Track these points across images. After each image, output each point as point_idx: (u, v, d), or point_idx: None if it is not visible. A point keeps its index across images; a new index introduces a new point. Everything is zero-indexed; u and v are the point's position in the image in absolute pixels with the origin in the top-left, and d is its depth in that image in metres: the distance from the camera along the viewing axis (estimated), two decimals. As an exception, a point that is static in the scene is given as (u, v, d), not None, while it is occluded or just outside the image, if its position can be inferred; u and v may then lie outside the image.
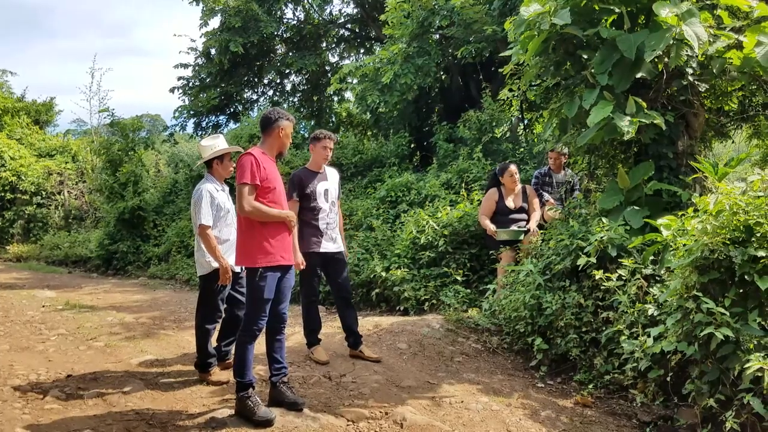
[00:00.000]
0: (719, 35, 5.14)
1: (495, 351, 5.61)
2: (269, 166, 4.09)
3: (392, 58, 10.35)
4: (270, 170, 4.08)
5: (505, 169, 6.86)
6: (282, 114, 4.18)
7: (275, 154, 4.22)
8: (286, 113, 4.22)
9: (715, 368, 3.82)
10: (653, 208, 5.20)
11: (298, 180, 5.19)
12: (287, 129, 4.18)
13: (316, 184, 5.17)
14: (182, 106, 16.46)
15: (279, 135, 4.16)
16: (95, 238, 14.86)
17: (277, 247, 4.05)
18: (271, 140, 4.17)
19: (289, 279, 4.26)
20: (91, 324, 6.82)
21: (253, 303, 4.04)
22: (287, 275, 4.22)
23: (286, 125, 4.17)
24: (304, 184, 5.14)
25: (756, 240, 3.77)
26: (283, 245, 4.12)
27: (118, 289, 10.30)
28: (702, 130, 5.63)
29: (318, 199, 5.16)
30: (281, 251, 4.08)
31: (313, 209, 5.16)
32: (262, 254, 4.00)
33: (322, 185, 5.22)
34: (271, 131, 4.15)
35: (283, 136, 4.18)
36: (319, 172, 5.26)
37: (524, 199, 6.90)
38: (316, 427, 3.85)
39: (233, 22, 14.43)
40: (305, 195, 5.13)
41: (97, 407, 4.18)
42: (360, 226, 8.93)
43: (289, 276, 4.25)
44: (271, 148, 4.18)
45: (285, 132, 4.17)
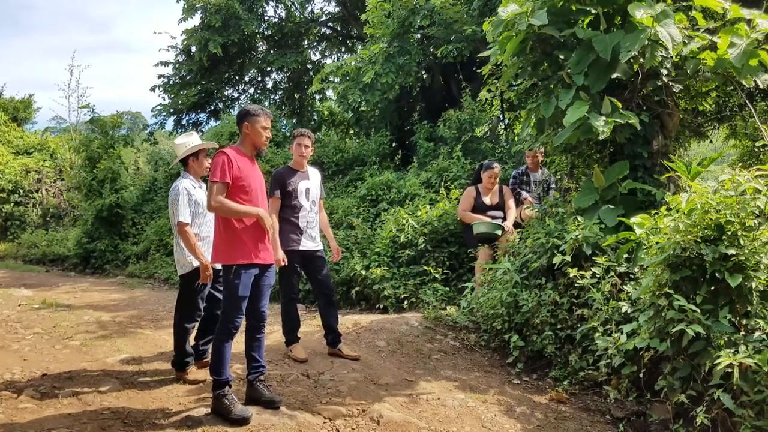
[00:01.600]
0: (693, 36, 5.23)
1: (472, 348, 5.65)
2: (244, 164, 4.02)
3: (373, 58, 10.37)
4: (245, 168, 4.01)
5: (489, 167, 7.04)
6: (254, 109, 4.09)
7: (252, 151, 4.14)
8: (260, 108, 4.12)
9: (687, 364, 3.89)
10: (628, 207, 5.27)
11: (279, 178, 5.22)
12: (258, 123, 4.04)
13: (297, 182, 5.20)
14: (162, 104, 16.33)
15: (249, 130, 4.06)
16: (73, 237, 14.71)
17: (252, 244, 4.01)
18: (243, 137, 4.10)
19: (268, 277, 4.21)
20: (68, 323, 6.76)
21: (228, 301, 4.01)
22: (266, 273, 4.18)
23: (257, 119, 4.05)
24: (285, 182, 5.16)
25: (727, 238, 3.84)
26: (260, 243, 4.07)
27: (95, 288, 10.21)
28: (676, 130, 5.72)
29: (299, 197, 5.19)
30: (257, 249, 4.04)
31: (294, 207, 5.18)
32: (237, 252, 3.97)
33: (304, 184, 5.24)
34: (243, 127, 4.08)
35: (254, 133, 4.05)
36: (301, 171, 5.28)
37: (501, 197, 7.07)
38: (292, 425, 3.86)
39: (214, 21, 14.34)
40: (286, 193, 5.15)
41: (72, 406, 4.14)
42: (340, 224, 8.94)
43: (268, 274, 4.21)
44: (246, 145, 4.11)
45: (255, 128, 4.04)
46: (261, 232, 4.08)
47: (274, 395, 4.17)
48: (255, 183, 4.08)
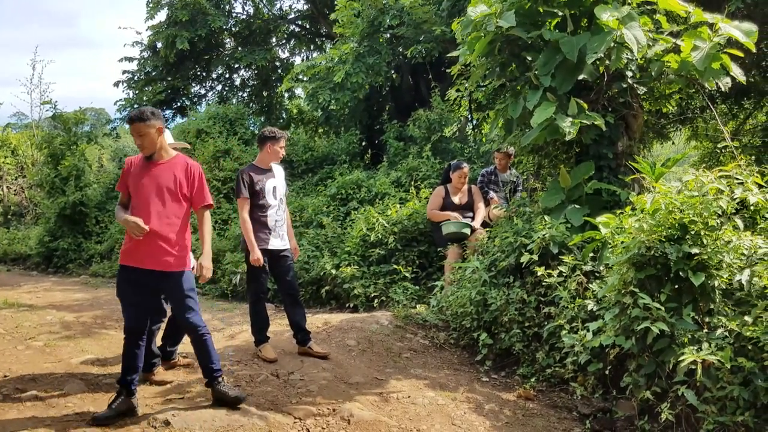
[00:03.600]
0: (658, 39, 5.35)
1: (442, 346, 5.68)
2: (137, 170, 4.03)
3: (343, 57, 10.35)
4: (134, 175, 4.02)
5: (458, 167, 7.08)
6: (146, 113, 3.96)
7: (144, 155, 4.05)
8: (149, 110, 4.00)
9: (652, 362, 3.97)
10: (593, 207, 5.36)
11: (247, 178, 5.15)
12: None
13: (264, 181, 5.17)
14: (126, 99, 16.04)
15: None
16: (35, 235, 14.34)
17: (132, 249, 4.00)
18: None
19: (174, 288, 4.07)
20: (30, 323, 6.59)
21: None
22: (166, 283, 4.07)
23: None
24: (253, 182, 5.11)
25: (690, 237, 3.93)
26: (141, 248, 3.97)
27: (58, 288, 9.99)
28: (641, 132, 5.84)
29: (267, 196, 5.16)
30: (138, 254, 3.99)
31: (262, 206, 5.14)
32: (122, 253, 4.08)
33: (271, 182, 5.21)
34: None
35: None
36: (267, 170, 5.25)
37: (470, 197, 7.11)
38: (262, 426, 3.83)
39: (180, 16, 14.14)
40: (254, 192, 5.11)
41: (35, 408, 4.05)
42: (310, 223, 8.91)
43: (172, 285, 4.06)
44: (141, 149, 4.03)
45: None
46: (144, 238, 3.92)
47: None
48: (141, 189, 4.01)
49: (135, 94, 16.26)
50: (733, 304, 3.93)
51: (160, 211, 3.98)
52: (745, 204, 4.37)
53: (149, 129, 3.95)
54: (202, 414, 3.94)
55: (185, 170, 4.09)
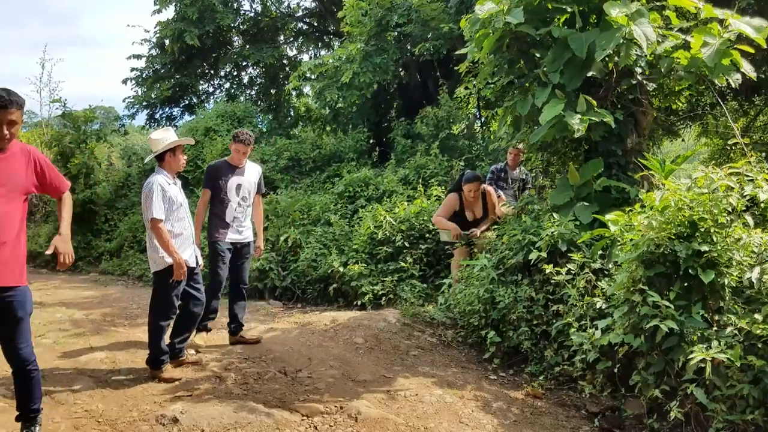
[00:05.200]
0: (667, 35, 5.30)
1: (450, 344, 5.67)
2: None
3: (351, 57, 10.35)
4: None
5: (470, 180, 6.46)
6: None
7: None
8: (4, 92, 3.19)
9: (661, 360, 3.95)
10: (602, 204, 5.33)
11: (213, 172, 5.47)
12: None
13: (229, 178, 5.37)
14: (134, 96, 16.10)
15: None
16: (45, 233, 14.40)
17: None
18: None
19: (11, 309, 3.27)
20: (40, 321, 6.62)
21: None
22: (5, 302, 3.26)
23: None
24: (217, 177, 5.34)
25: (700, 235, 3.90)
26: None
27: (67, 285, 10.03)
28: (650, 129, 5.80)
29: (228, 193, 5.36)
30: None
31: (222, 201, 5.37)
32: None
33: (236, 180, 5.41)
34: None
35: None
36: (237, 167, 5.44)
37: (485, 210, 6.64)
38: (270, 423, 3.84)
39: (189, 13, 14.18)
40: (217, 187, 5.33)
41: (45, 405, 4.04)
42: (318, 221, 8.90)
43: (6, 306, 3.26)
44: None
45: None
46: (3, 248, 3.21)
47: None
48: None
49: (143, 91, 16.32)
50: (743, 302, 3.89)
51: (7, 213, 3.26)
52: (756, 201, 4.33)
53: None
54: (210, 411, 3.96)
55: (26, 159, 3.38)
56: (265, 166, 11.39)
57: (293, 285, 8.13)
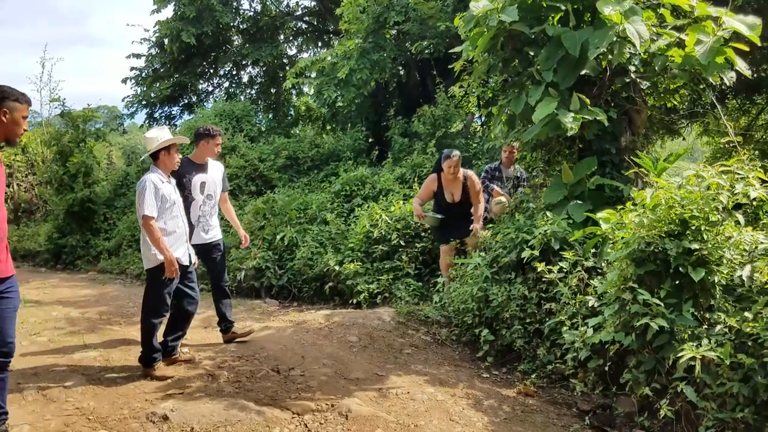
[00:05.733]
0: (662, 33, 5.29)
1: (444, 343, 5.67)
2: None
3: (348, 53, 10.34)
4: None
5: (447, 157, 6.39)
6: (9, 93, 3.31)
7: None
8: (18, 92, 3.34)
9: (651, 358, 3.94)
10: (596, 203, 5.32)
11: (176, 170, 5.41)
12: (16, 112, 3.32)
13: (193, 175, 5.34)
14: (133, 95, 16.13)
15: (2, 119, 3.28)
16: (44, 232, 14.43)
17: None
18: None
19: (10, 299, 3.38)
20: (36, 319, 6.66)
21: None
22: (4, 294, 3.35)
23: (14, 106, 3.31)
24: (180, 175, 5.27)
25: (691, 233, 3.90)
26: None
27: (66, 284, 10.05)
28: (645, 127, 5.79)
29: (193, 191, 5.33)
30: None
31: (186, 199, 5.29)
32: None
33: (199, 178, 5.38)
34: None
35: (9, 121, 3.30)
36: (200, 165, 5.43)
37: (464, 193, 6.56)
38: (260, 421, 3.85)
39: (188, 12, 14.20)
40: (180, 184, 5.23)
41: (36, 403, 4.10)
42: (314, 219, 8.91)
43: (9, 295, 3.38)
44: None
45: (12, 116, 3.30)
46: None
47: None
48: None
49: (143, 90, 16.35)
50: (733, 300, 3.88)
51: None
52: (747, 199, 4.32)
53: None
54: (201, 409, 3.96)
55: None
56: (263, 165, 11.41)
57: (290, 283, 8.13)
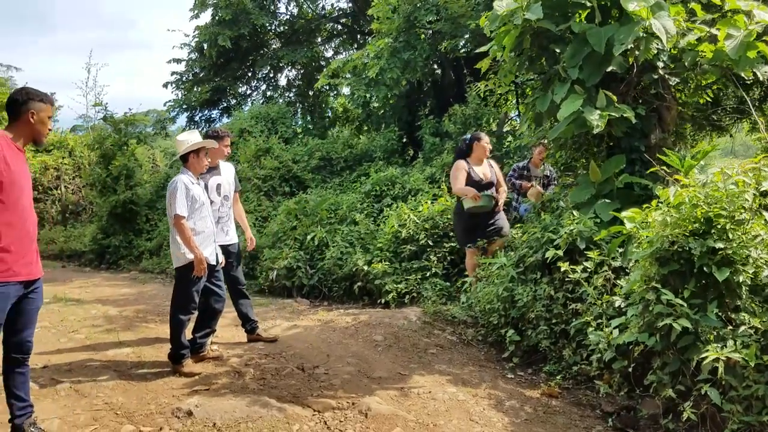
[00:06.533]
0: (692, 28, 5.17)
1: (469, 343, 5.66)
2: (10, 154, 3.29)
3: (379, 53, 10.39)
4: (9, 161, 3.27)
5: (477, 138, 6.44)
6: (34, 94, 3.39)
7: (26, 142, 3.43)
8: (42, 93, 3.43)
9: (676, 359, 3.86)
10: (624, 201, 5.23)
11: None
12: (42, 113, 3.40)
13: (208, 178, 5.42)
14: (174, 100, 16.53)
15: (30, 120, 3.36)
16: (89, 233, 14.91)
17: (14, 256, 3.29)
18: (20, 125, 3.38)
19: (35, 299, 3.48)
20: (75, 317, 6.89)
21: None
22: (31, 294, 3.44)
23: (40, 107, 3.39)
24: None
25: (716, 232, 3.81)
26: (25, 254, 3.34)
27: (107, 283, 10.36)
28: (675, 123, 5.67)
29: (210, 193, 5.41)
30: (21, 263, 3.32)
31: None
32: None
33: (215, 179, 5.48)
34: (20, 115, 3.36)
35: (37, 121, 3.38)
36: (213, 167, 5.49)
37: (492, 172, 6.58)
38: (280, 417, 3.91)
39: (224, 15, 14.48)
40: None
41: (68, 397, 4.25)
42: (344, 220, 8.98)
43: (34, 296, 3.47)
44: (20, 134, 3.38)
45: (39, 116, 3.38)
46: (25, 241, 3.36)
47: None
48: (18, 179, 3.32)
49: (183, 94, 16.73)
50: (761, 300, 3.78)
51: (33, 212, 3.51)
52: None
53: None
54: (224, 405, 4.05)
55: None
56: (296, 166, 11.54)
57: (320, 283, 8.23)
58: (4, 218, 3.20)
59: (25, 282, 3.34)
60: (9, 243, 3.22)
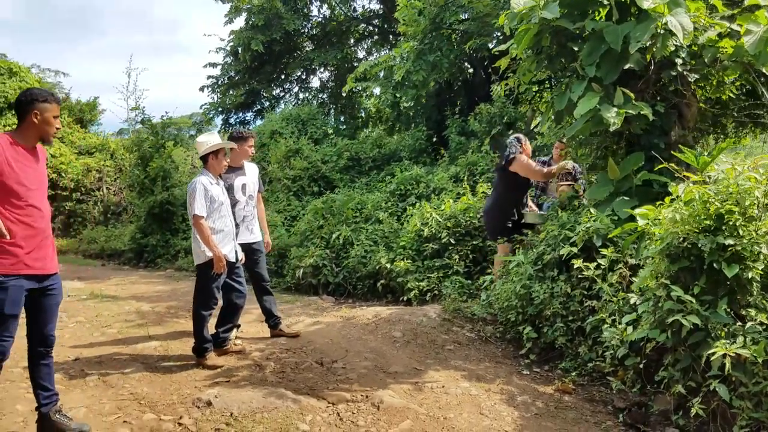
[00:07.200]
0: (713, 24, 5.13)
1: (488, 340, 5.71)
2: (14, 156, 3.36)
3: (405, 56, 10.49)
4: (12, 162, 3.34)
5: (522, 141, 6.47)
6: (38, 95, 3.44)
7: (34, 141, 3.50)
8: (47, 92, 3.49)
9: (687, 356, 3.86)
10: (643, 199, 5.21)
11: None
12: (47, 113, 3.44)
13: (234, 178, 5.56)
14: (210, 103, 16.91)
15: (34, 120, 3.42)
16: (129, 232, 15.38)
17: (25, 251, 3.39)
18: (26, 126, 3.44)
19: (55, 295, 3.61)
20: (109, 312, 7.16)
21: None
22: (49, 291, 3.57)
23: (44, 107, 3.44)
24: (221, 178, 5.43)
25: (727, 228, 3.79)
26: (36, 249, 3.45)
27: (143, 281, 10.69)
28: (695, 121, 5.61)
29: (235, 193, 5.55)
30: (31, 257, 3.42)
31: (230, 201, 5.45)
32: (3, 257, 3.34)
33: (240, 180, 5.62)
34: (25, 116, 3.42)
35: (41, 122, 3.43)
36: (238, 168, 5.66)
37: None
38: (295, 408, 4.04)
39: (257, 20, 14.77)
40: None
41: (96, 388, 4.47)
42: (369, 219, 9.10)
43: (53, 290, 3.60)
44: (27, 135, 3.45)
45: (43, 117, 3.43)
46: (39, 236, 3.47)
47: (80, 424, 3.71)
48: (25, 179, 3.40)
49: (218, 98, 17.11)
50: (773, 297, 3.75)
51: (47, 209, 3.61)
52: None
53: None
54: (242, 396, 4.21)
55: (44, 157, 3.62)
56: (325, 167, 11.71)
57: (345, 281, 8.37)
58: (14, 216, 3.36)
59: (38, 276, 3.48)
60: (20, 239, 3.37)
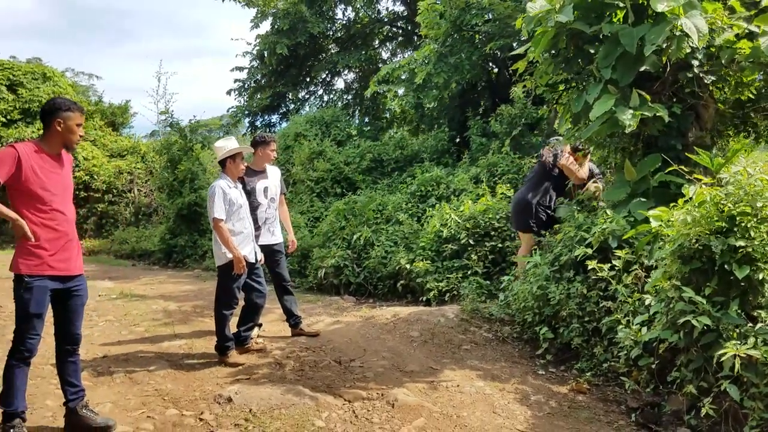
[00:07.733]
0: (730, 25, 5.11)
1: (505, 340, 5.77)
2: (38, 163, 3.51)
3: (426, 59, 10.57)
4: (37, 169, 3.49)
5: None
6: (60, 104, 3.59)
7: (59, 149, 3.65)
8: (70, 102, 3.64)
9: (699, 356, 3.89)
10: (660, 200, 5.21)
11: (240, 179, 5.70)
12: (70, 121, 3.58)
13: (256, 181, 5.71)
14: (237, 106, 17.19)
15: (57, 128, 3.57)
16: (158, 233, 15.71)
17: (49, 253, 3.53)
18: (50, 134, 3.59)
19: (80, 296, 3.76)
20: (138, 311, 7.38)
21: (18, 318, 3.52)
22: (74, 291, 3.71)
23: (67, 116, 3.57)
24: (244, 182, 5.63)
25: (739, 230, 3.81)
26: (60, 251, 3.59)
27: (171, 281, 10.93)
28: (713, 122, 5.59)
29: (257, 196, 5.69)
30: (55, 259, 3.56)
31: (252, 204, 5.63)
32: (27, 259, 3.49)
33: (262, 183, 5.77)
34: (50, 124, 3.58)
35: (65, 130, 3.58)
36: (260, 171, 5.79)
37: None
38: (311, 405, 4.16)
39: (282, 25, 14.98)
40: (246, 192, 5.57)
41: (122, 384, 4.64)
42: (390, 220, 9.20)
43: (78, 291, 3.74)
44: (52, 142, 3.60)
45: (66, 125, 3.57)
46: (64, 238, 3.62)
47: (106, 419, 3.85)
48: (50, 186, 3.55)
49: (245, 101, 17.38)
50: (785, 298, 3.76)
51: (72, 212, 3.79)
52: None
53: None
54: (261, 393, 4.34)
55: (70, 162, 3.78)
56: (347, 168, 11.84)
57: (366, 281, 8.48)
58: (38, 220, 3.53)
59: (62, 277, 3.64)
60: (44, 241, 3.54)
